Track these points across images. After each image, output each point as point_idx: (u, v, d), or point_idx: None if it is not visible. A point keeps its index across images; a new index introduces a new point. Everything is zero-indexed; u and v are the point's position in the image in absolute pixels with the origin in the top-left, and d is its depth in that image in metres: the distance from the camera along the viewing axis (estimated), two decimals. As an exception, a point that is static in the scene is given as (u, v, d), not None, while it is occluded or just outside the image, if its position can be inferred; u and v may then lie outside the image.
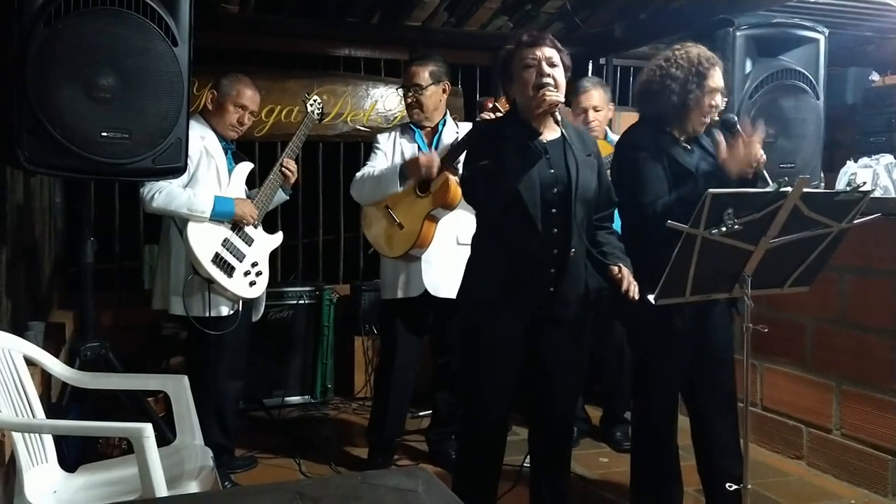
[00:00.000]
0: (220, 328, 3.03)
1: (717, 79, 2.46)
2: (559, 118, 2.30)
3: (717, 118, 2.52)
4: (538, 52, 2.31)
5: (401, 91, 3.40)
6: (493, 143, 2.31)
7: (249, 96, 3.18)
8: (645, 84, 2.54)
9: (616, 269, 2.34)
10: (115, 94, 2.43)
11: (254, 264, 3.09)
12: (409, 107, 3.35)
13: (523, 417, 2.96)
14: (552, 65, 2.30)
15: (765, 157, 2.41)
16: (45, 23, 2.33)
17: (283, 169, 3.19)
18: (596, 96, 3.64)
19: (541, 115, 2.27)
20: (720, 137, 2.46)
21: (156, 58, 2.50)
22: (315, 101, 3.40)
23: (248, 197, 3.18)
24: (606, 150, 3.54)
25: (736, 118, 2.55)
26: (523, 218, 2.29)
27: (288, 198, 3.38)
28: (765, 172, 2.39)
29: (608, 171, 2.61)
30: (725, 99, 2.53)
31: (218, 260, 2.98)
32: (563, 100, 2.28)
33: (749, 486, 2.23)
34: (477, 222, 2.55)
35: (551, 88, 2.25)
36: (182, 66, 2.54)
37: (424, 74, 3.26)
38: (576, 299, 2.38)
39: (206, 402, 3.03)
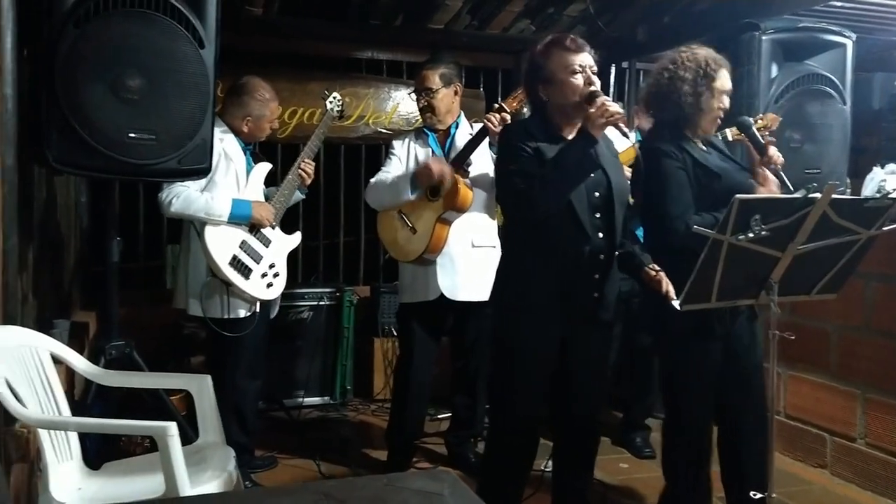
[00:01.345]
0: (237, 330, 3.05)
1: (724, 80, 2.45)
2: (624, 129, 2.28)
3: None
4: (584, 59, 2.31)
5: (413, 95, 3.40)
6: (534, 146, 2.29)
7: (276, 106, 3.26)
8: (653, 87, 2.52)
9: (653, 271, 2.33)
10: (143, 95, 2.45)
11: (271, 266, 3.11)
12: (421, 110, 3.35)
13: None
14: (594, 72, 2.31)
15: (783, 159, 2.41)
16: (74, 24, 2.36)
17: (300, 170, 3.21)
18: None
19: (602, 125, 2.22)
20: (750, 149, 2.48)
21: (182, 59, 2.52)
22: (335, 97, 3.40)
23: (266, 197, 3.19)
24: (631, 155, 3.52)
25: (751, 120, 2.56)
26: (573, 224, 2.28)
27: (304, 197, 3.39)
28: (783, 174, 2.40)
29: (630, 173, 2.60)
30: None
31: (235, 262, 3.00)
32: (622, 111, 2.26)
33: (775, 495, 2.21)
34: (509, 226, 2.52)
35: (609, 99, 2.24)
36: (208, 67, 2.56)
37: (435, 78, 3.26)
38: (613, 302, 2.39)
39: (225, 402, 3.05)
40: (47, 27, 2.35)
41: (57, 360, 2.37)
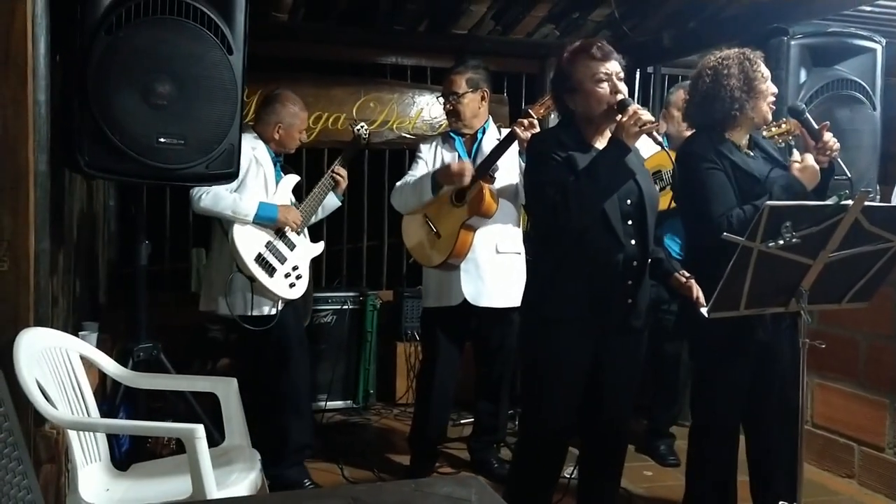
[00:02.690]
0: (260, 326, 3.09)
1: (764, 68, 2.44)
2: (658, 138, 2.28)
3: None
4: (609, 66, 2.29)
5: (441, 99, 3.41)
6: (566, 155, 2.28)
7: (306, 116, 3.34)
8: (695, 93, 2.50)
9: (683, 277, 2.33)
10: (172, 100, 2.49)
11: (294, 268, 3.16)
12: (448, 114, 3.36)
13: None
14: (620, 79, 2.29)
15: (838, 145, 2.38)
16: (106, 31, 2.39)
17: (334, 174, 3.26)
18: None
19: (636, 133, 2.20)
20: (795, 153, 2.45)
21: (211, 65, 2.55)
22: (362, 126, 3.48)
23: (294, 205, 3.23)
24: (670, 162, 3.50)
25: (803, 105, 2.49)
26: (607, 232, 2.27)
27: (340, 203, 3.46)
28: (840, 161, 2.36)
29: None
30: None
31: (260, 259, 3.05)
32: (654, 119, 2.24)
33: (801, 505, 2.19)
34: (541, 236, 2.49)
35: (640, 107, 2.22)
36: (237, 73, 2.59)
37: (461, 82, 3.27)
38: (645, 309, 2.38)
39: (286, 403, 3.16)
40: (79, 34, 2.39)
41: (86, 362, 2.40)
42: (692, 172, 2.41)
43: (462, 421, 4.03)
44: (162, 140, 2.49)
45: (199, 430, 2.01)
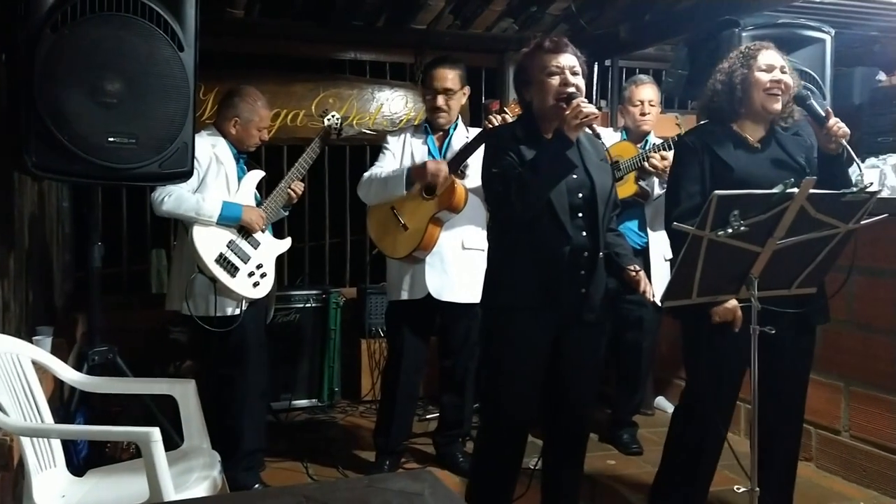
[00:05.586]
0: (223, 327, 3.05)
1: (768, 56, 2.40)
2: (596, 130, 2.29)
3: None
4: (561, 60, 2.31)
5: (424, 93, 3.36)
6: (516, 148, 2.31)
7: (267, 114, 3.25)
8: (708, 86, 2.53)
9: (633, 270, 2.37)
10: (122, 99, 2.44)
11: (259, 266, 3.11)
12: (436, 109, 3.29)
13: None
14: (574, 73, 2.30)
15: (847, 130, 2.33)
16: (52, 28, 2.34)
17: (290, 190, 3.22)
18: (652, 91, 3.68)
19: (577, 126, 2.22)
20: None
21: (162, 63, 2.50)
22: (334, 115, 3.39)
23: (258, 204, 3.20)
24: (630, 152, 3.55)
25: (806, 91, 2.42)
26: (554, 224, 2.29)
27: (286, 214, 3.39)
28: (848, 147, 2.31)
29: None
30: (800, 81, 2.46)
31: (222, 260, 3.01)
32: (597, 111, 2.25)
33: (757, 489, 2.22)
34: (495, 227, 2.53)
35: (584, 100, 2.24)
36: (188, 70, 2.55)
37: (456, 78, 3.26)
38: (599, 301, 2.40)
39: (237, 406, 3.10)
40: (24, 32, 2.33)
41: (40, 367, 2.36)
42: (673, 163, 2.54)
43: (427, 416, 4.04)
44: (112, 139, 2.43)
45: (155, 433, 1.98)
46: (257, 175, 3.25)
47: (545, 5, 4.47)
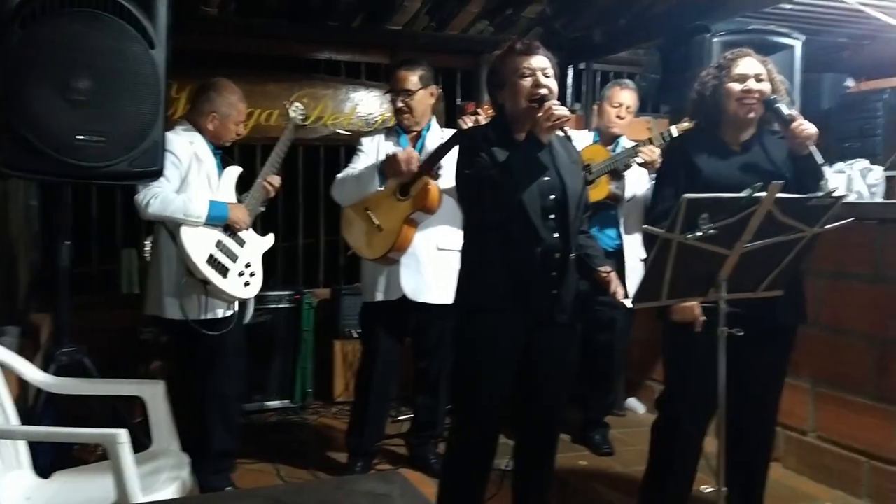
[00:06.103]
0: (216, 330, 3.00)
1: (743, 66, 2.44)
2: (568, 132, 2.31)
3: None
4: (533, 62, 2.31)
5: (388, 96, 3.37)
6: (489, 150, 2.31)
7: (244, 108, 3.20)
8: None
9: (604, 271, 2.39)
10: (91, 96, 2.42)
11: (247, 265, 3.07)
12: (398, 111, 3.31)
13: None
14: (546, 75, 2.31)
15: (812, 130, 2.36)
16: (20, 25, 2.32)
17: (266, 183, 3.17)
18: (632, 98, 3.69)
19: (549, 128, 2.24)
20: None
21: (132, 60, 2.48)
22: (297, 106, 3.37)
23: (239, 201, 3.16)
24: (602, 155, 3.57)
25: (777, 98, 2.44)
26: (525, 225, 2.30)
27: (263, 209, 3.34)
28: (814, 149, 2.35)
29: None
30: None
31: (212, 261, 2.95)
32: (569, 114, 2.26)
33: (724, 489, 2.25)
34: (468, 229, 2.52)
35: (556, 102, 2.25)
36: (159, 68, 2.53)
37: (413, 79, 3.25)
38: (570, 302, 2.41)
39: (210, 407, 3.05)
40: (-9, 27, 2.30)
41: (5, 368, 2.32)
42: (659, 168, 2.65)
43: (400, 417, 4.03)
44: (81, 137, 2.42)
45: (122, 434, 1.96)
46: (235, 171, 3.19)
47: (520, 8, 4.50)
